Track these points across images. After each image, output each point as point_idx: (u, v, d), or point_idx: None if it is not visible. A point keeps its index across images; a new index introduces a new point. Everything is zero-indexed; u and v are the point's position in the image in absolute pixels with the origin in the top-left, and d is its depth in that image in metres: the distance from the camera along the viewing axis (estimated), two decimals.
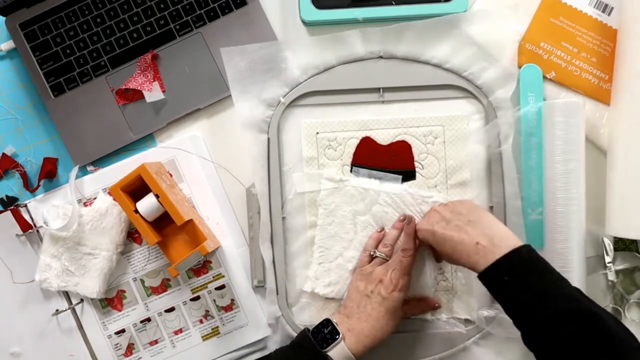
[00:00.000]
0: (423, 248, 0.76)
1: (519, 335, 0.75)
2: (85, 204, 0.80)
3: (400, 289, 0.71)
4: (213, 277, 0.81)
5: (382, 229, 0.78)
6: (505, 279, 0.61)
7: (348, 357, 0.68)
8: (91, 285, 0.78)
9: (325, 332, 0.69)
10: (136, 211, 0.74)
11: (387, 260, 0.74)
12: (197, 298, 0.81)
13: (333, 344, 0.68)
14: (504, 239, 0.63)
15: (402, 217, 0.77)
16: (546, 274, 0.61)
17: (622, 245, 0.79)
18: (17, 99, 0.83)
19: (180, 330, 0.81)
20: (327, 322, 0.70)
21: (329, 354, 0.68)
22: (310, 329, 0.71)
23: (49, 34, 0.81)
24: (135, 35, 0.81)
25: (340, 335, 0.69)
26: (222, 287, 0.80)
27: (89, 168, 0.81)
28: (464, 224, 0.67)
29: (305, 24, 0.81)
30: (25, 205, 0.81)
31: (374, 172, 0.79)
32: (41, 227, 0.80)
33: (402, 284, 0.71)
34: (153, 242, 0.74)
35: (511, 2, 0.78)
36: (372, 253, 0.75)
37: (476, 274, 0.64)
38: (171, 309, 0.81)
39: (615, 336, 0.56)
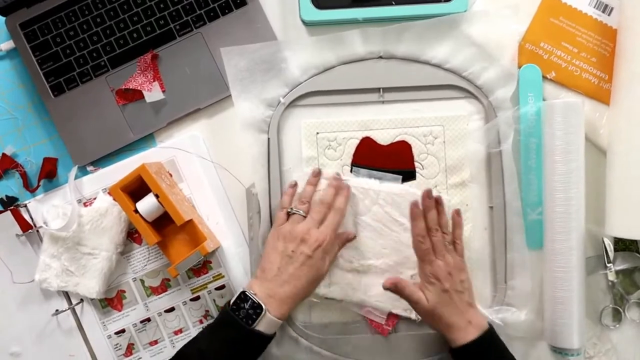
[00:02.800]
0: None
1: (519, 334, 0.75)
2: (85, 204, 0.80)
3: (325, 247, 0.70)
4: (213, 277, 0.81)
5: (296, 184, 0.77)
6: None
7: (276, 323, 0.67)
8: (91, 285, 0.78)
9: (247, 308, 0.66)
10: (136, 211, 0.74)
11: (305, 217, 0.72)
12: (197, 298, 0.81)
13: (258, 319, 0.66)
14: (479, 318, 0.71)
15: (316, 172, 0.76)
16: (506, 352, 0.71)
17: (622, 245, 0.79)
18: (17, 99, 0.83)
19: (180, 331, 0.81)
20: (244, 296, 0.67)
21: (257, 328, 0.66)
22: (230, 303, 0.68)
23: (49, 34, 0.81)
24: (135, 35, 0.81)
25: (264, 308, 0.66)
26: (222, 287, 0.80)
27: (89, 168, 0.81)
28: (464, 294, 0.71)
29: (305, 24, 0.81)
30: (25, 205, 0.81)
31: (374, 172, 0.79)
32: (41, 227, 0.80)
33: (329, 241, 0.70)
34: (153, 242, 0.74)
35: (511, 2, 0.78)
36: (289, 210, 0.73)
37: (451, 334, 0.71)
38: (171, 309, 0.81)
39: None
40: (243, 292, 0.68)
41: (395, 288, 0.72)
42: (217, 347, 0.67)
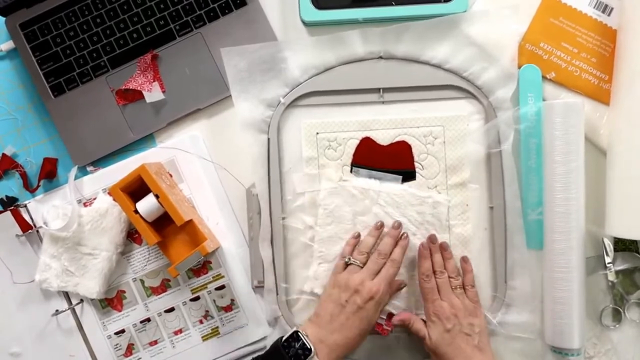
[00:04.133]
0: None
1: (519, 334, 0.75)
2: (85, 204, 0.80)
3: (378, 299, 0.70)
4: (213, 277, 0.81)
5: (359, 235, 0.77)
6: None
7: None
8: (91, 285, 0.78)
9: (297, 347, 0.67)
10: (136, 211, 0.74)
11: (362, 268, 0.73)
12: (197, 298, 0.81)
13: None
14: None
15: (379, 224, 0.76)
16: None
17: (622, 245, 0.79)
18: (17, 99, 0.83)
19: (180, 331, 0.81)
20: (297, 336, 0.68)
21: None
22: (283, 339, 0.69)
23: (49, 34, 0.81)
24: (135, 35, 0.81)
25: (313, 351, 0.67)
26: (222, 287, 0.80)
27: (89, 168, 0.81)
28: (472, 338, 0.71)
29: (305, 24, 0.81)
30: (25, 206, 0.81)
31: (374, 173, 0.79)
32: (41, 227, 0.79)
33: (382, 293, 0.70)
34: (153, 243, 0.74)
35: (511, 2, 0.78)
36: (347, 260, 0.74)
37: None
38: (171, 309, 0.81)
39: None
40: (296, 332, 0.69)
41: (403, 324, 0.74)
42: None
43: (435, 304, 0.73)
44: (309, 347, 0.67)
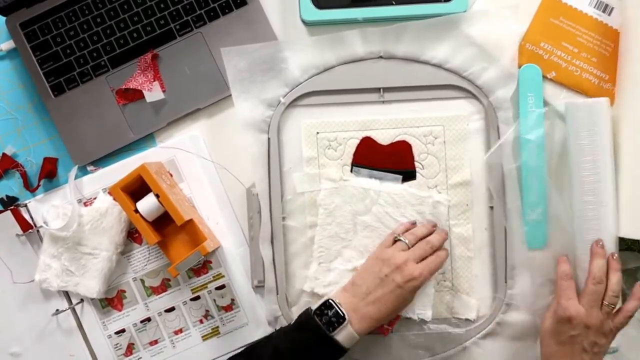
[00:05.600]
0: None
1: (520, 334, 0.75)
2: (85, 204, 0.80)
3: (417, 284, 0.69)
4: (213, 277, 0.81)
5: (415, 223, 0.76)
6: None
7: (354, 338, 0.67)
8: (91, 285, 0.78)
9: (330, 315, 0.67)
10: (136, 211, 0.74)
11: (408, 248, 0.72)
12: (197, 298, 0.81)
13: (339, 328, 0.67)
14: None
15: (433, 224, 0.76)
16: None
17: (625, 245, 0.78)
18: (17, 99, 0.83)
19: (181, 330, 0.81)
20: (329, 304, 0.68)
21: (335, 337, 0.67)
22: (313, 309, 0.69)
23: (49, 33, 0.81)
24: (135, 35, 0.81)
25: (347, 319, 0.67)
26: (222, 287, 0.80)
27: (89, 168, 0.82)
28: (587, 355, 0.68)
29: (306, 24, 0.81)
30: (25, 205, 0.81)
31: (374, 172, 0.79)
32: (41, 227, 0.80)
33: (423, 278, 0.69)
34: (153, 242, 0.74)
35: (511, 2, 0.78)
36: (396, 237, 0.73)
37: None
38: (171, 309, 0.81)
39: None
40: (328, 300, 0.69)
41: (560, 273, 0.71)
42: (294, 348, 0.68)
43: (570, 303, 0.69)
44: (342, 314, 0.67)
